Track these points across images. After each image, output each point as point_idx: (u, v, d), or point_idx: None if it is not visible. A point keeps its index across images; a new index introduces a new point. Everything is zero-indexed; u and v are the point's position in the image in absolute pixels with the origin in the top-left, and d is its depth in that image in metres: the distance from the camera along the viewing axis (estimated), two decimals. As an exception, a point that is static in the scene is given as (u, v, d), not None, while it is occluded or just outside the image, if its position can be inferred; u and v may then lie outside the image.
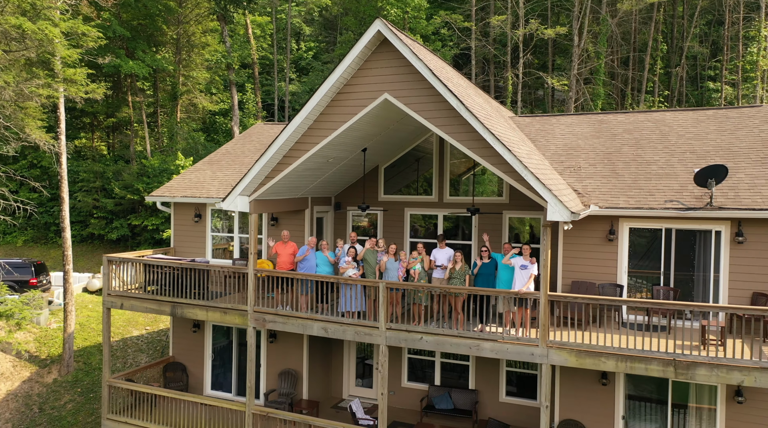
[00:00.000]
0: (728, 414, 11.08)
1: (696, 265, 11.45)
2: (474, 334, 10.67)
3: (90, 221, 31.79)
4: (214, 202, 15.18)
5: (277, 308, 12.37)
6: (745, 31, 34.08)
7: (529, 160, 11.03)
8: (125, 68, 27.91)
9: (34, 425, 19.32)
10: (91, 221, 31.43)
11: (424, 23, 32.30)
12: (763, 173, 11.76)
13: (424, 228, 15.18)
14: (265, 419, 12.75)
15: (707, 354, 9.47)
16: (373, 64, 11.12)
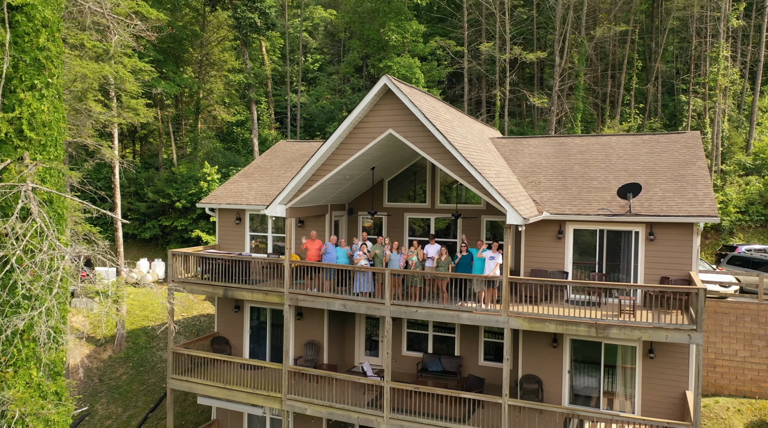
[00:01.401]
0: (644, 368, 14.87)
1: (621, 257, 15.23)
2: (455, 307, 14.44)
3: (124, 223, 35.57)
4: (253, 208, 18.96)
5: (307, 290, 16.16)
6: (711, 52, 37.79)
7: (497, 179, 14.80)
8: (159, 88, 31.66)
9: (96, 392, 23.11)
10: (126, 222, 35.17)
11: (421, 46, 36.08)
12: (673, 187, 15.53)
13: (421, 228, 18.95)
14: (298, 375, 16.54)
15: (620, 319, 13.24)
16: (381, 108, 14.90)
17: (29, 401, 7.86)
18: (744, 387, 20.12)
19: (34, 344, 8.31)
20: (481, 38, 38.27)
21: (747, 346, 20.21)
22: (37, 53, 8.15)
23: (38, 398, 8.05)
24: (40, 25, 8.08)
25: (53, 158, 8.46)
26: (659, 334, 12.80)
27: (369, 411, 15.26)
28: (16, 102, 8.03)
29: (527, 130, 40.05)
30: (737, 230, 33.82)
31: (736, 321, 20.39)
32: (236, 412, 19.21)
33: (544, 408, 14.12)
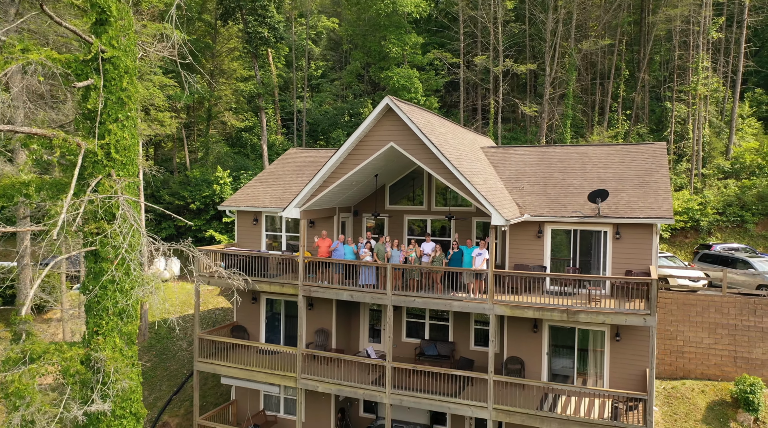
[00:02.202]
0: (611, 350, 17.09)
1: (592, 253, 17.45)
2: (448, 297, 16.66)
3: (141, 223, 37.78)
4: (269, 210, 21.17)
5: (319, 282, 18.38)
6: (692, 63, 40.00)
7: (484, 185, 17.02)
8: (175, 97, 33.85)
9: (123, 377, 25.28)
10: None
11: (420, 57, 38.26)
12: (638, 193, 17.75)
13: (418, 228, 21.16)
14: (310, 357, 18.77)
15: (589, 306, 15.46)
16: (383, 124, 17.12)
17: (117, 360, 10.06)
18: (708, 371, 22.34)
19: (116, 318, 10.53)
20: (477, 49, 40.46)
21: (712, 334, 22.43)
22: (120, 93, 10.35)
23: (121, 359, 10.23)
24: (123, 71, 10.27)
25: (130, 174, 10.66)
26: (620, 318, 15.03)
27: (373, 388, 17.48)
28: (105, 131, 10.22)
29: (520, 135, 42.26)
30: (715, 230, 36.03)
31: (702, 312, 22.62)
32: (254, 393, 21.44)
33: (525, 383, 16.35)
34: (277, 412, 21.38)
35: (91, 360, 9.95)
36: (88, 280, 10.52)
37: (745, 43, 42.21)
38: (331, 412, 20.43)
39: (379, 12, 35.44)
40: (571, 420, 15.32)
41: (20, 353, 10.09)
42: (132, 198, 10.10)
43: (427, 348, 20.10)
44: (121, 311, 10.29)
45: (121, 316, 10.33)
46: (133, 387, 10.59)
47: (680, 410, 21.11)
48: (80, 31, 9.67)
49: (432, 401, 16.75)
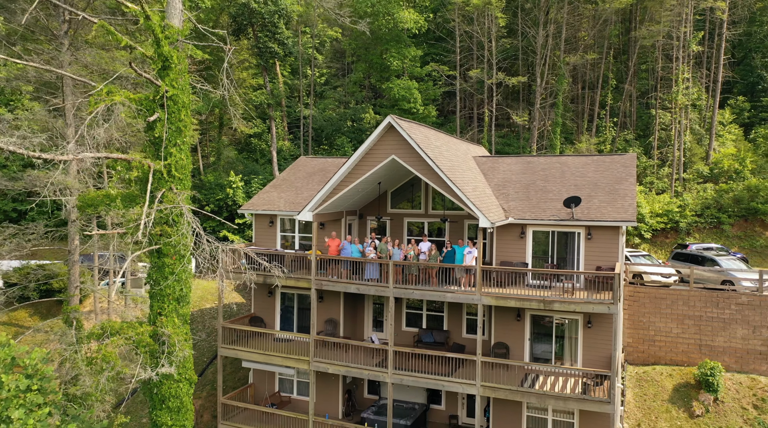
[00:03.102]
0: (584, 335, 19.59)
1: (567, 251, 19.94)
2: (442, 289, 19.15)
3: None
4: (283, 213, 23.66)
5: (329, 277, 20.88)
6: (674, 74, 42.49)
7: (474, 192, 19.51)
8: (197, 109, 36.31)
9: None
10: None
11: (419, 69, 40.72)
12: (608, 199, 20.24)
13: (417, 229, 23.64)
14: (321, 343, 21.28)
15: (563, 296, 17.95)
16: (386, 139, 19.61)
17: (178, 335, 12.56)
18: (676, 357, 24.84)
19: (175, 303, 13.02)
20: (473, 61, 42.92)
21: (680, 325, 24.94)
22: (179, 124, 12.84)
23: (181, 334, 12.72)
24: (181, 106, 12.75)
25: (185, 188, 13.13)
26: (588, 306, 17.54)
27: (377, 369, 19.98)
28: (167, 154, 12.72)
29: (513, 142, 44.74)
30: (693, 230, 38.53)
31: (671, 305, 25.13)
32: (270, 376, 23.93)
33: (508, 363, 18.86)
34: (291, 394, 23.88)
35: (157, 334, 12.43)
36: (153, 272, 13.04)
37: (724, 55, 44.72)
38: (339, 393, 22.93)
39: (381, 27, 37.92)
40: (548, 394, 17.82)
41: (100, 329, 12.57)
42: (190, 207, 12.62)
43: (425, 336, 22.58)
44: (179, 297, 12.79)
45: (179, 301, 12.82)
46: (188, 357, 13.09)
47: (650, 391, 23.62)
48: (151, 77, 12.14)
49: (428, 380, 19.24)
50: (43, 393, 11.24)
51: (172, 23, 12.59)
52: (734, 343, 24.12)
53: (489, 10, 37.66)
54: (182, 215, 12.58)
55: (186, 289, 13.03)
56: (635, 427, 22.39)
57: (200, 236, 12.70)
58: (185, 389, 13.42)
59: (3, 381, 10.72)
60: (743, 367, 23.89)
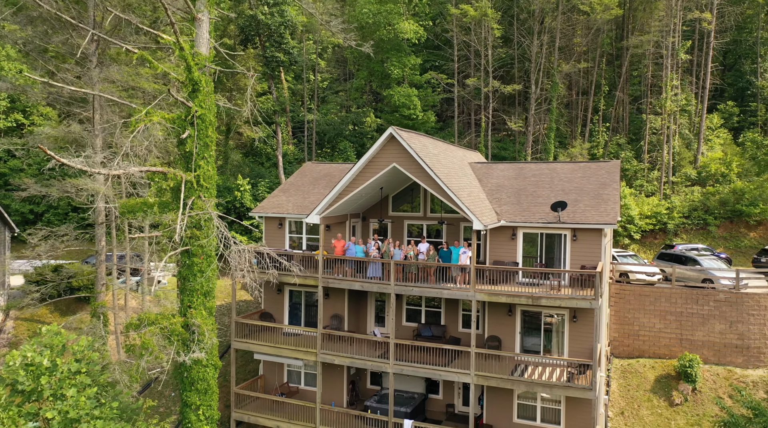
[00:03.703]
0: (570, 329, 21.20)
1: (555, 252, 21.56)
2: (439, 286, 20.77)
3: (168, 225, 41.89)
4: (292, 216, 25.27)
5: (335, 275, 22.50)
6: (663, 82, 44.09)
7: (468, 197, 21.12)
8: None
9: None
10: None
11: (418, 77, 42.35)
12: (592, 203, 21.86)
13: (416, 231, 25.25)
14: (327, 337, 22.89)
15: (549, 293, 19.56)
16: (387, 148, 21.23)
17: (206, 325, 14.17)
18: (659, 350, 26.47)
19: (202, 297, 14.64)
20: (470, 68, 44.55)
21: (662, 320, 26.57)
22: (206, 139, 14.45)
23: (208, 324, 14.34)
24: (208, 124, 14.36)
25: (211, 195, 14.76)
26: (572, 302, 19.16)
27: (379, 361, 21.60)
28: (196, 166, 14.33)
29: (509, 146, 46.36)
30: (681, 231, 40.16)
31: (654, 302, 26.75)
32: (279, 368, 25.55)
33: (499, 354, 20.48)
34: (299, 384, 25.51)
35: (188, 325, 14.03)
36: (183, 270, 14.64)
37: (712, 62, 46.35)
38: (344, 384, 24.55)
39: (382, 38, 39.52)
40: (535, 382, 19.44)
41: (137, 320, 14.17)
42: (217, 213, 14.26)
43: (424, 330, 24.20)
44: (206, 292, 14.38)
45: (206, 295, 14.41)
46: (215, 345, 14.71)
47: (633, 382, 25.26)
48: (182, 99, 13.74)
49: (427, 370, 20.86)
50: (90, 375, 12.88)
51: (201, 51, 14.25)
52: (712, 337, 25.75)
53: (485, 21, 39.30)
54: (210, 220, 14.19)
55: (212, 285, 14.69)
56: (619, 415, 24.03)
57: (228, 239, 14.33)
58: (211, 373, 15.05)
59: (58, 364, 12.35)
60: (720, 359, 25.52)
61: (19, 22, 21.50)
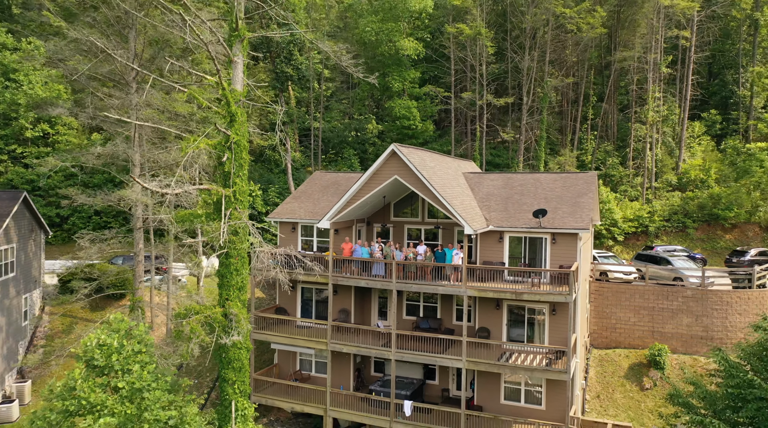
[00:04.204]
0: (550, 321, 24.04)
1: (537, 253, 24.40)
2: (435, 284, 23.62)
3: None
4: (304, 221, 28.12)
5: (343, 274, 25.35)
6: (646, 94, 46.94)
7: (461, 205, 23.97)
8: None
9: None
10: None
11: (417, 89, 45.16)
12: (570, 210, 24.69)
13: (415, 234, 28.09)
14: (335, 329, 25.76)
15: (531, 289, 22.41)
16: (389, 163, 24.08)
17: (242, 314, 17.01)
18: (633, 342, 29.31)
19: (237, 291, 17.47)
20: (466, 81, 47.42)
21: (636, 314, 29.41)
22: (241, 160, 17.30)
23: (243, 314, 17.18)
24: (243, 148, 17.20)
25: (245, 207, 17.58)
26: (550, 297, 22.01)
27: (382, 349, 24.44)
28: (232, 183, 17.18)
29: (503, 153, 49.20)
30: (662, 234, 43.01)
31: (630, 298, 29.60)
32: (292, 356, 28.38)
33: (488, 343, 23.33)
34: (310, 372, 28.37)
35: (227, 314, 16.84)
36: (222, 269, 17.43)
37: (692, 75, 49.18)
38: (351, 371, 27.39)
39: (384, 53, 42.34)
40: (519, 367, 22.29)
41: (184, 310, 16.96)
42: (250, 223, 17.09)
43: (422, 323, 27.05)
44: (240, 287, 17.17)
45: (240, 290, 17.20)
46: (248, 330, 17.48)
47: (609, 369, 28.12)
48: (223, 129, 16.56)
49: (424, 356, 23.71)
50: (148, 354, 15.76)
51: (236, 88, 17.08)
52: (680, 329, 28.60)
53: (480, 38, 42.15)
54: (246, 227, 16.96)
55: (245, 281, 17.49)
56: (595, 398, 26.89)
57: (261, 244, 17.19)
58: (245, 354, 17.82)
59: (124, 345, 15.23)
60: (687, 349, 28.37)
61: (69, 51, 24.34)
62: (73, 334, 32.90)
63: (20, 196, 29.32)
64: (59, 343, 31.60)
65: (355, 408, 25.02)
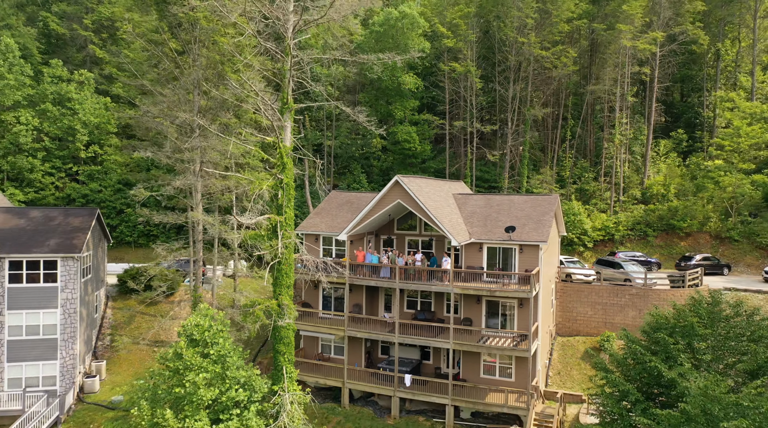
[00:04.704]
0: (518, 313, 30.79)
1: (508, 260, 31.15)
2: (429, 283, 30.38)
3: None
4: (324, 234, 34.89)
5: (357, 276, 32.13)
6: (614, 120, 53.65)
7: (449, 223, 30.74)
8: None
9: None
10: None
11: (416, 116, 51.86)
12: (534, 226, 31.42)
13: (414, 244, 34.86)
14: (351, 319, 32.56)
15: (502, 287, 29.16)
16: (393, 189, 30.86)
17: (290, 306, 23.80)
18: (590, 331, 36.02)
19: (287, 288, 24.27)
20: (459, 109, 54.23)
21: (592, 309, 36.13)
22: (289, 196, 24.02)
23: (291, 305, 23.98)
24: (291, 187, 23.90)
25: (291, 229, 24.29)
26: (517, 294, 28.75)
27: (388, 335, 31.17)
28: (284, 213, 23.96)
29: (492, 170, 55.93)
30: (626, 241, 49.72)
31: (588, 295, 36.33)
32: (315, 341, 35.10)
33: (471, 329, 30.09)
34: (330, 354, 35.11)
35: (280, 305, 23.52)
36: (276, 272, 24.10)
37: (660, 99, 55.84)
38: (362, 353, 34.12)
39: (388, 86, 49.09)
40: (493, 347, 29.00)
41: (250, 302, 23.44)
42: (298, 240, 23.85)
43: (419, 314, 33.80)
44: (288, 286, 23.87)
45: (288, 288, 23.90)
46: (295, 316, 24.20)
47: (569, 353, 34.84)
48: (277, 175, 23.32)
49: (421, 340, 30.42)
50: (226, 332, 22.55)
51: (286, 144, 23.74)
52: (627, 321, 35.29)
53: (470, 76, 48.94)
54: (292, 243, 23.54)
55: (291, 282, 24.18)
56: (557, 375, 33.60)
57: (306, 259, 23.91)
58: (291, 334, 24.45)
59: (212, 325, 22.02)
60: (631, 336, 35.05)
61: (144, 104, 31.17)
62: (133, 324, 39.74)
63: (95, 213, 36.12)
64: (127, 331, 38.46)
65: (366, 381, 31.78)
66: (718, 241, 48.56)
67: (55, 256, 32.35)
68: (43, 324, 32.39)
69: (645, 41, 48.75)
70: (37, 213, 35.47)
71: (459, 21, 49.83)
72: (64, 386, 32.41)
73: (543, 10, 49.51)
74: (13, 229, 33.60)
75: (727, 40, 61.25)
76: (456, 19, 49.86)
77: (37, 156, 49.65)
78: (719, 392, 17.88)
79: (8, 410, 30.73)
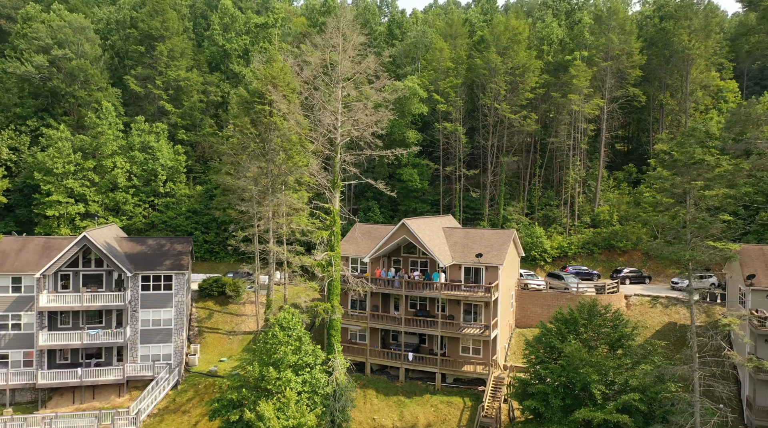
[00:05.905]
0: (484, 311, 44.97)
1: (478, 276, 45.32)
2: (426, 292, 44.58)
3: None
4: (353, 256, 49.08)
5: (376, 286, 46.36)
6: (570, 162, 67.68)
7: (439, 251, 44.96)
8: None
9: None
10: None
11: (417, 160, 66.16)
12: (495, 252, 45.48)
13: (415, 264, 49.05)
14: (371, 315, 46.83)
15: (473, 294, 43.33)
16: (401, 228, 45.01)
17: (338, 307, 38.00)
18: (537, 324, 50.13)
19: (336, 295, 38.40)
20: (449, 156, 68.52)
21: (541, 308, 50.17)
22: (337, 237, 38.16)
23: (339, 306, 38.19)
24: (338, 231, 38.02)
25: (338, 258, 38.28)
26: (483, 299, 42.90)
27: (397, 326, 45.36)
28: (334, 248, 38.02)
29: (476, 201, 70.13)
30: (577, 257, 63.74)
31: (539, 299, 50.45)
32: (345, 331, 49.30)
33: (452, 322, 44.37)
34: (356, 340, 49.32)
35: (333, 305, 37.44)
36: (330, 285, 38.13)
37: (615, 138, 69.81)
38: (379, 339, 48.27)
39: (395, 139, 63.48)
40: (467, 334, 43.16)
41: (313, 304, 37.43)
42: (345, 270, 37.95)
43: (418, 313, 47.96)
44: (336, 294, 37.84)
45: (336, 295, 37.86)
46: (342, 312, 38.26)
47: (522, 339, 48.99)
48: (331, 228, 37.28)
49: (419, 329, 44.61)
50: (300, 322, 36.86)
51: (335, 208, 37.79)
52: (564, 317, 49.33)
53: (457, 133, 63.24)
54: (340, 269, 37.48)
55: (338, 291, 38.38)
56: (513, 354, 47.73)
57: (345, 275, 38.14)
58: (338, 324, 38.60)
59: (293, 317, 36.33)
60: (566, 328, 49.18)
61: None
62: (212, 319, 54.01)
63: (190, 240, 50.46)
64: (208, 324, 52.82)
65: (382, 357, 46.01)
66: (647, 257, 62.49)
67: (170, 272, 46.67)
68: (162, 318, 46.72)
69: (590, 107, 62.92)
70: (152, 241, 49.81)
71: (449, 90, 64.15)
72: (176, 360, 46.73)
73: (513, 82, 63.83)
74: (139, 253, 47.94)
75: (668, 91, 75.17)
76: (447, 88, 64.21)
77: (129, 192, 64.07)
78: (581, 354, 32.12)
79: (143, 375, 45.05)
